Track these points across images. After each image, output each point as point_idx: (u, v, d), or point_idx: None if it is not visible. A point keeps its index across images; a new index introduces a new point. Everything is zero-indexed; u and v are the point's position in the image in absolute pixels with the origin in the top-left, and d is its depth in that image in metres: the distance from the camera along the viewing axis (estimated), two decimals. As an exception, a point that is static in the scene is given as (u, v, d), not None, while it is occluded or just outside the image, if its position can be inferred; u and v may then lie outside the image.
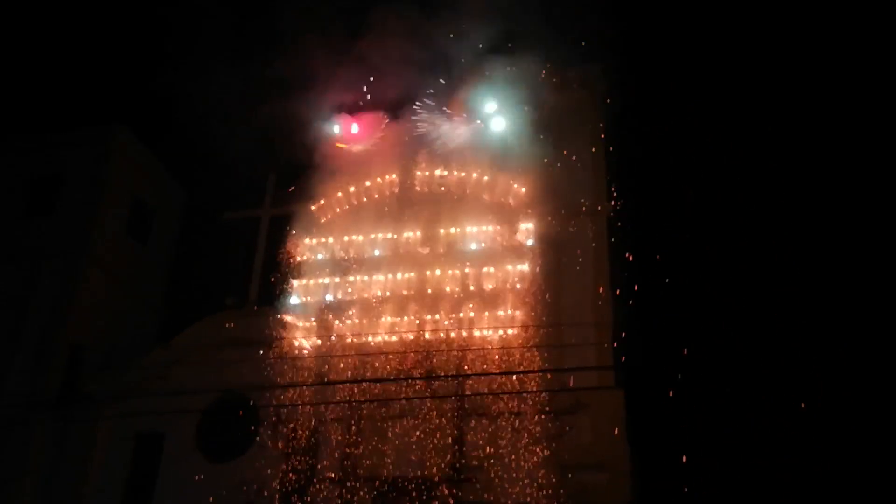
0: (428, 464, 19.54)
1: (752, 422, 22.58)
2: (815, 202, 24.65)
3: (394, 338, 20.93)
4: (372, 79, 21.65)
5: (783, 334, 23.16)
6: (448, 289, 21.00)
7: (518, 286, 20.65)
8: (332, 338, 21.20)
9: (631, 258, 21.23)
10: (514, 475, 18.93)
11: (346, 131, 22.96)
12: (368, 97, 22.39)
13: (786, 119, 25.19)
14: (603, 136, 22.59)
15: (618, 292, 21.02)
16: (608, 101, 22.78)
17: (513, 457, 19.13)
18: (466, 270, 21.06)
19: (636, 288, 21.20)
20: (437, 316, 20.75)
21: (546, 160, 21.46)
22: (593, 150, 22.33)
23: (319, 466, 20.43)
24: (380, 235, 22.21)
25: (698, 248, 23.62)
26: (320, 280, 22.10)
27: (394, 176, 22.80)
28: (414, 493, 19.32)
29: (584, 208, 21.63)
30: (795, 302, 23.49)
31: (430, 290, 21.09)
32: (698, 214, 23.55)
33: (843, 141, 25.13)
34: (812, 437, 22.43)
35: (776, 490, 22.42)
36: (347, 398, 20.44)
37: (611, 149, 22.16)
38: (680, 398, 22.26)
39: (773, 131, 24.78)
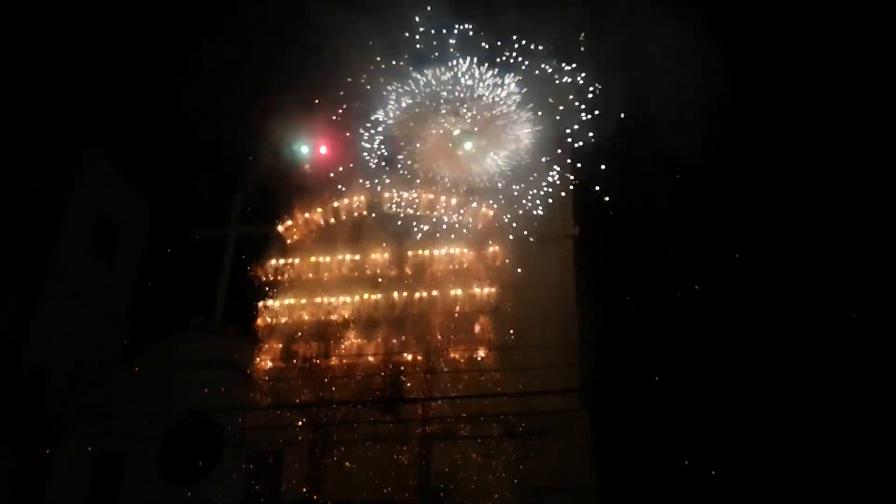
0: (393, 487, 19.42)
1: (718, 441, 22.77)
2: (779, 231, 25.08)
3: (360, 360, 20.85)
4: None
5: (748, 354, 23.40)
6: (415, 311, 20.97)
7: (485, 308, 20.67)
8: (298, 359, 21.06)
9: (596, 281, 21.39)
10: (480, 498, 18.90)
11: (315, 153, 22.84)
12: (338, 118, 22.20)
13: (747, 149, 25.61)
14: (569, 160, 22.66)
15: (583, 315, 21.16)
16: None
17: (479, 479, 19.11)
18: (433, 293, 21.04)
19: (601, 310, 21.35)
20: (404, 338, 20.73)
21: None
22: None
23: (284, 489, 20.28)
24: (347, 257, 22.12)
25: (662, 271, 23.86)
26: (286, 301, 21.96)
27: (362, 197, 22.74)
28: (378, 517, 19.25)
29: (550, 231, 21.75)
30: (761, 323, 23.77)
31: (396, 312, 21.05)
32: (663, 238, 23.77)
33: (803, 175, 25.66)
34: (781, 456, 22.67)
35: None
36: (313, 421, 20.32)
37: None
38: (645, 419, 22.41)
39: (738, 152, 25.14)
